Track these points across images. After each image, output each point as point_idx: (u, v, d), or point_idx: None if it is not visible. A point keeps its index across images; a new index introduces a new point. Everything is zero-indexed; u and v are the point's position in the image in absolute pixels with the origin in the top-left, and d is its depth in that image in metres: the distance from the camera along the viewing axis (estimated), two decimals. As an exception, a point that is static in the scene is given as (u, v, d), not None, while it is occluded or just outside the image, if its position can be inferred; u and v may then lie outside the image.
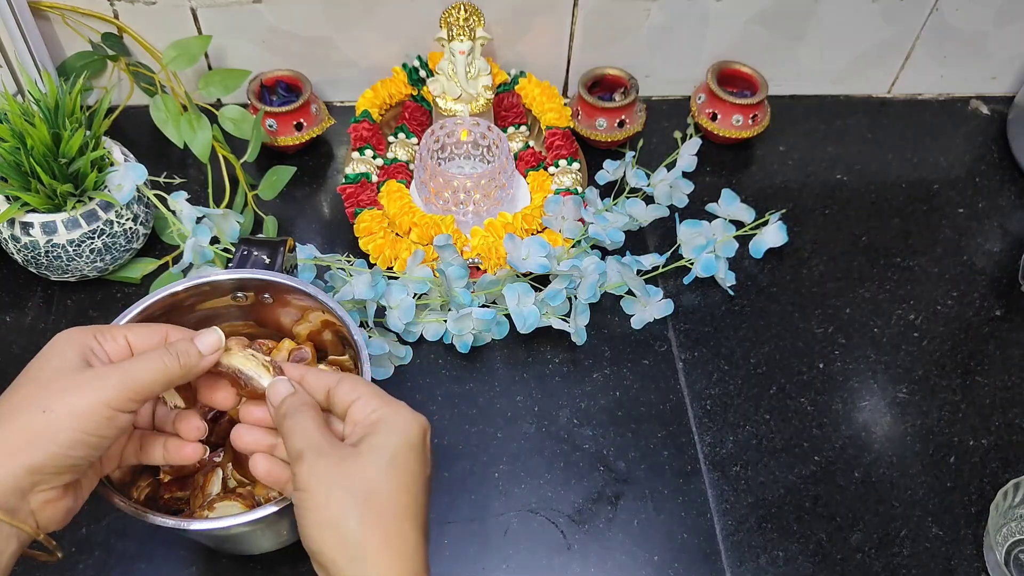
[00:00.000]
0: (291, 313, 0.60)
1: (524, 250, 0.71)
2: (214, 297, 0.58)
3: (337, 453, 0.42)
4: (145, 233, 0.75)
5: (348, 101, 0.92)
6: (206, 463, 0.58)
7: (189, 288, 0.56)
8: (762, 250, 0.79)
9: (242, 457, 0.55)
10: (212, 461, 0.58)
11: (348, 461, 0.42)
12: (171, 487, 0.57)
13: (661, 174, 0.83)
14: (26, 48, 0.76)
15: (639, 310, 0.74)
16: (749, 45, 0.89)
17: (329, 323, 0.59)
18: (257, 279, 0.57)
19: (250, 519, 0.48)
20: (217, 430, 0.59)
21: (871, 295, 0.78)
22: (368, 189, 0.78)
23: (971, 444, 0.69)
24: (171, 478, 0.57)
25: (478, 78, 0.81)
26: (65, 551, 0.60)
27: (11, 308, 0.74)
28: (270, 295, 0.58)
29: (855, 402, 0.71)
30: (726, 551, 0.62)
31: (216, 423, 0.59)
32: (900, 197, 0.86)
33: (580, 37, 0.87)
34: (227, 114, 0.80)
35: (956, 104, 0.96)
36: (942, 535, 0.64)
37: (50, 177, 0.66)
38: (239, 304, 0.59)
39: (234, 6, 0.82)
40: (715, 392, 0.71)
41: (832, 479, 0.66)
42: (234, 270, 0.58)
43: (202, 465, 0.57)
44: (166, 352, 0.45)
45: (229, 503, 0.54)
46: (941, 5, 0.87)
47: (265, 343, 0.60)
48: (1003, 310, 0.77)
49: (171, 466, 0.56)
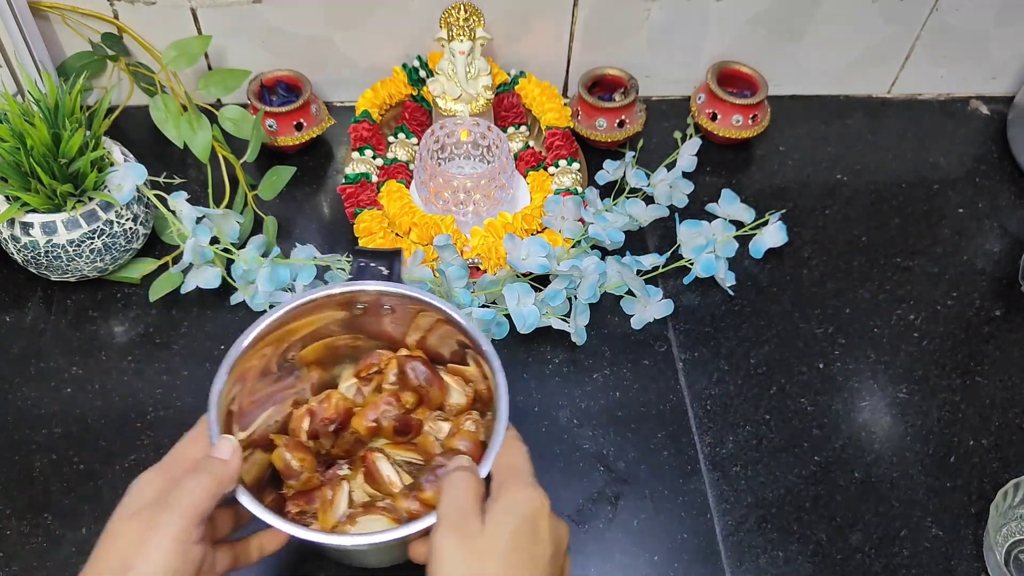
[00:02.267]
0: (397, 322, 0.59)
1: (524, 250, 0.71)
2: (328, 310, 0.57)
3: (467, 530, 0.44)
4: (145, 233, 0.75)
5: (348, 101, 0.92)
6: (332, 476, 0.57)
7: (309, 302, 0.56)
8: (762, 250, 0.79)
9: (374, 471, 0.56)
10: (337, 474, 0.57)
11: (476, 541, 0.44)
12: (297, 500, 0.56)
13: (661, 174, 0.83)
14: (26, 48, 0.76)
15: (639, 310, 0.74)
16: (749, 45, 0.89)
17: (452, 333, 0.58)
18: (399, 293, 0.57)
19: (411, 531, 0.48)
20: (340, 443, 0.58)
21: (871, 295, 0.78)
22: (368, 189, 0.78)
23: (971, 444, 0.69)
24: (295, 491, 0.56)
25: (478, 78, 0.81)
26: (65, 551, 0.60)
27: (11, 308, 0.74)
28: (391, 305, 0.58)
29: (855, 402, 0.71)
30: (726, 551, 0.62)
31: (339, 436, 0.58)
32: (900, 197, 0.86)
33: (580, 37, 0.87)
34: (227, 114, 0.80)
35: (956, 104, 0.96)
36: (942, 535, 0.64)
37: (50, 177, 0.66)
38: (341, 317, 0.58)
39: (234, 6, 0.82)
40: (715, 392, 0.71)
41: (832, 479, 0.66)
42: (380, 282, 0.57)
43: (327, 479, 0.57)
44: (196, 473, 0.46)
45: (374, 517, 0.53)
46: (941, 5, 0.87)
47: (384, 354, 0.60)
48: (1003, 310, 0.77)
49: (296, 480, 0.55)
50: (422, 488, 0.53)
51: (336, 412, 0.57)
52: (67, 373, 0.70)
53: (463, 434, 0.56)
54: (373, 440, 0.59)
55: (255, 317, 0.55)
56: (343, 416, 0.57)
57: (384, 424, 0.57)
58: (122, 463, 0.65)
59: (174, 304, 0.74)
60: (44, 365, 0.70)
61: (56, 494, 0.63)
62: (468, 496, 0.46)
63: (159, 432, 0.66)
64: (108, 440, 0.66)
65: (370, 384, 0.60)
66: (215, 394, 0.51)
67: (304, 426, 0.57)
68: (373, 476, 0.56)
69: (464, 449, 0.55)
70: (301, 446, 0.56)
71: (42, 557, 0.60)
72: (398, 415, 0.57)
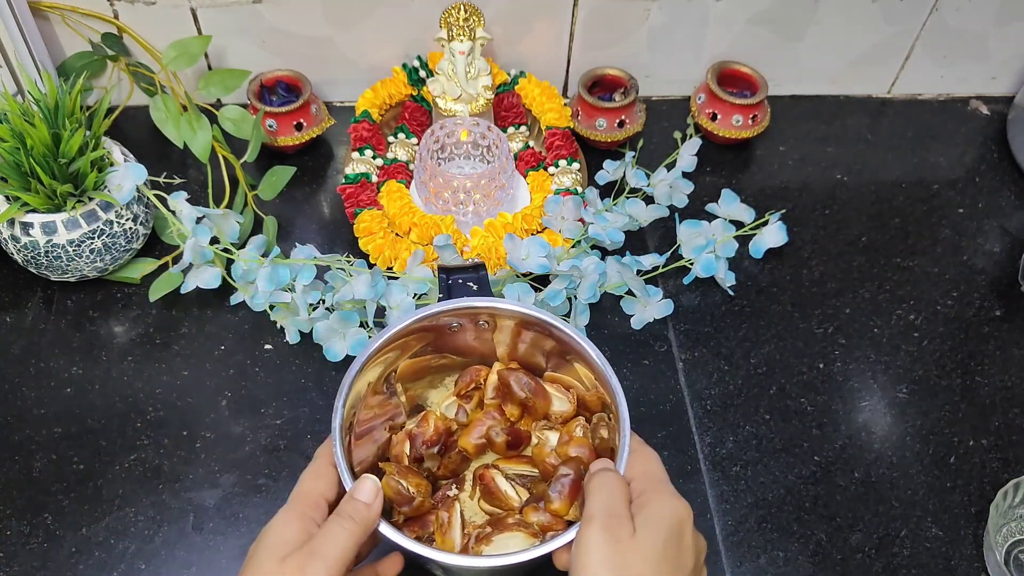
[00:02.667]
0: (484, 337, 0.59)
1: (524, 250, 0.71)
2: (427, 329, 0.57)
3: (619, 533, 0.44)
4: (145, 233, 0.75)
5: (348, 101, 0.92)
6: (442, 498, 0.57)
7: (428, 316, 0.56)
8: (762, 250, 0.79)
9: (494, 488, 0.56)
10: (447, 496, 0.57)
11: (627, 545, 0.44)
12: (412, 527, 0.55)
13: (661, 174, 0.83)
14: (26, 48, 0.76)
15: (639, 310, 0.74)
16: (749, 45, 0.89)
17: (544, 342, 0.58)
18: (511, 310, 0.56)
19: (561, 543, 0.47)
20: (446, 464, 0.58)
21: (871, 295, 0.78)
22: (368, 189, 0.78)
23: (971, 444, 0.69)
24: (407, 518, 0.55)
25: (478, 78, 0.81)
26: (65, 551, 0.60)
27: (11, 308, 0.74)
28: (487, 321, 0.58)
29: (855, 402, 0.71)
30: (726, 551, 0.62)
31: (445, 456, 0.58)
32: (900, 197, 0.86)
33: (580, 37, 0.87)
34: (227, 114, 0.80)
35: (956, 104, 0.96)
36: (942, 535, 0.64)
37: (50, 177, 0.66)
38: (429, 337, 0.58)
39: (234, 6, 0.82)
40: (715, 392, 0.71)
41: (832, 479, 0.66)
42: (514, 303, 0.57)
43: (437, 501, 0.56)
44: (342, 519, 0.47)
45: (509, 535, 0.53)
46: (941, 5, 0.87)
47: (481, 369, 0.60)
48: (1003, 310, 0.77)
49: (408, 507, 0.54)
50: (550, 499, 0.52)
51: (437, 433, 0.57)
52: (67, 373, 0.70)
53: (577, 441, 0.56)
54: (480, 457, 0.59)
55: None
56: (444, 436, 0.57)
57: (496, 440, 0.57)
58: (122, 463, 0.65)
59: (174, 304, 0.74)
60: (44, 365, 0.70)
61: (56, 494, 0.63)
62: (619, 498, 0.46)
63: (159, 432, 0.66)
64: (108, 440, 0.66)
65: (471, 401, 0.60)
66: (336, 423, 0.51)
67: (406, 450, 0.57)
68: (492, 493, 0.56)
69: (581, 456, 0.54)
70: (412, 471, 0.55)
71: (42, 557, 0.60)
72: (508, 428, 0.57)
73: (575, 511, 0.52)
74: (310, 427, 0.67)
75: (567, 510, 0.52)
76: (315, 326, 0.69)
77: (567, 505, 0.52)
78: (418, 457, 0.57)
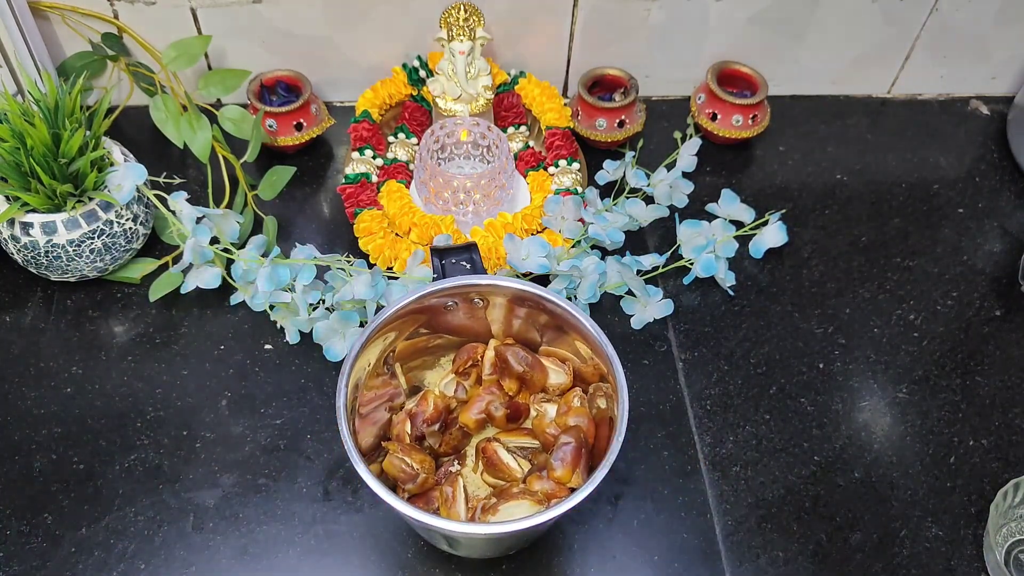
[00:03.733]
0: (478, 315, 0.60)
1: (524, 250, 0.71)
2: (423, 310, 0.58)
3: None
4: (145, 233, 0.75)
5: (348, 101, 0.92)
6: (445, 474, 0.58)
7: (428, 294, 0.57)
8: (762, 250, 0.79)
9: (497, 461, 0.56)
10: (450, 471, 0.58)
11: None
12: (416, 503, 0.55)
13: (661, 174, 0.83)
14: (26, 48, 0.76)
15: (639, 310, 0.74)
16: (749, 45, 0.89)
17: (538, 317, 0.59)
18: (505, 286, 0.57)
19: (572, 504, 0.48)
20: (447, 440, 0.58)
21: (871, 295, 0.78)
22: (368, 189, 0.78)
23: (971, 444, 0.69)
24: (412, 495, 0.56)
25: (478, 78, 0.81)
26: (65, 551, 0.60)
27: (11, 308, 0.74)
28: (481, 299, 0.59)
29: (855, 402, 0.71)
30: (726, 551, 0.62)
31: (446, 433, 0.58)
32: (900, 197, 0.86)
33: (580, 37, 0.87)
34: (227, 114, 0.81)
35: (956, 104, 0.96)
36: (942, 535, 0.64)
37: (50, 177, 0.66)
38: (423, 317, 0.59)
39: (234, 6, 0.82)
40: (715, 392, 0.71)
41: (832, 479, 0.66)
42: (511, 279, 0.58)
43: (440, 477, 0.57)
44: None
45: (515, 503, 0.53)
46: (941, 5, 0.87)
47: (477, 346, 0.61)
48: (1003, 310, 0.77)
49: (413, 484, 0.55)
50: (553, 468, 0.53)
51: (437, 411, 0.58)
52: (67, 373, 0.70)
53: (576, 411, 0.57)
54: (480, 432, 0.60)
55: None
56: (444, 414, 0.58)
57: (496, 414, 0.58)
58: (122, 463, 0.65)
59: (174, 304, 0.74)
60: (44, 365, 0.70)
61: (56, 494, 0.63)
62: None
63: (159, 432, 0.66)
64: (108, 440, 0.66)
65: (469, 378, 0.61)
66: (341, 401, 0.51)
67: (407, 430, 0.57)
68: (495, 465, 0.57)
69: (580, 425, 0.56)
70: (415, 448, 0.56)
71: (42, 557, 0.60)
72: (507, 402, 0.58)
73: (577, 478, 0.54)
74: (310, 427, 0.67)
75: (570, 477, 0.53)
76: (315, 326, 0.69)
77: (570, 472, 0.53)
78: (419, 436, 0.58)
